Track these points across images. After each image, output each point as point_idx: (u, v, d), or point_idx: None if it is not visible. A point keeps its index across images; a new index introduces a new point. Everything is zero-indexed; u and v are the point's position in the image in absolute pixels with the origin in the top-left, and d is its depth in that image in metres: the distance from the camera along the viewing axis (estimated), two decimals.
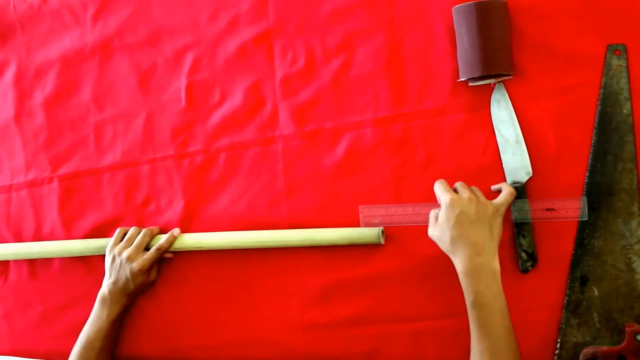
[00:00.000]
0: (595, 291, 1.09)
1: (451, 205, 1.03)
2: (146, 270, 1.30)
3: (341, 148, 1.24)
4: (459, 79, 1.14)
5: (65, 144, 1.46)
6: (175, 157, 1.36)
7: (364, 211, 1.21)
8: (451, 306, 1.15)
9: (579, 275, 1.09)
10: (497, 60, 1.10)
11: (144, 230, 1.33)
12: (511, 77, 1.12)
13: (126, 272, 1.30)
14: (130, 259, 1.30)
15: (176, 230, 1.33)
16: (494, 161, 1.14)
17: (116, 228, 1.37)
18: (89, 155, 1.44)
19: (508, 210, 1.09)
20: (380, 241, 1.18)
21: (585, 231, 1.09)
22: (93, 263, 1.41)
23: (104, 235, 1.41)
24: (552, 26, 1.11)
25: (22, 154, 1.50)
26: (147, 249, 1.32)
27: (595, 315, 1.09)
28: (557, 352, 1.10)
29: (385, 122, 1.21)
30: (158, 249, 1.30)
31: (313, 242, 1.23)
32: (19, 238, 1.49)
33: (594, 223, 1.09)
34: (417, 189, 1.18)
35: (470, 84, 1.15)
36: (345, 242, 1.20)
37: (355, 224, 1.21)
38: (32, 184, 1.48)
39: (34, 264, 1.48)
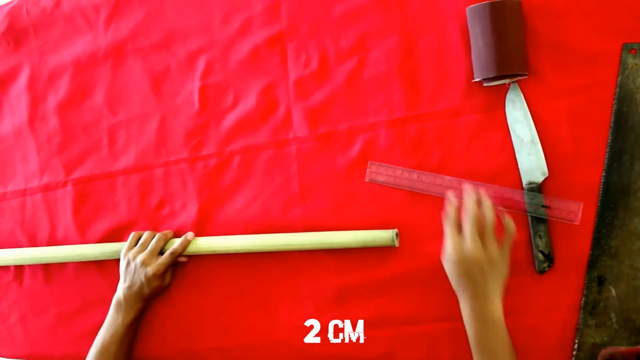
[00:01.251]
0: (613, 291, 1.08)
1: (451, 253, 1.04)
2: (161, 275, 1.30)
3: (355, 150, 1.23)
4: (473, 79, 1.14)
5: (79, 147, 1.46)
6: (189, 160, 1.36)
7: (372, 167, 1.21)
8: None
9: (596, 275, 1.09)
10: (511, 60, 1.10)
11: (158, 235, 1.33)
12: (526, 77, 1.12)
13: (141, 276, 1.30)
14: (144, 263, 1.29)
15: (190, 234, 1.33)
16: (509, 162, 1.13)
17: (130, 232, 1.38)
18: (102, 159, 1.44)
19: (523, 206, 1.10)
20: (394, 244, 1.17)
21: (602, 231, 1.08)
22: (108, 267, 1.41)
23: (118, 239, 1.41)
24: (566, 25, 1.10)
25: (36, 158, 1.50)
26: (161, 253, 1.32)
27: (612, 315, 1.08)
28: (574, 352, 1.10)
29: (400, 124, 1.21)
30: (172, 253, 1.30)
31: (327, 245, 1.22)
32: (33, 242, 1.50)
33: (610, 223, 1.08)
34: (431, 190, 1.18)
35: (484, 85, 1.15)
36: (359, 245, 1.20)
37: (371, 226, 1.21)
38: (46, 188, 1.49)
39: (48, 268, 1.48)
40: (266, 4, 1.32)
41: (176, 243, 1.31)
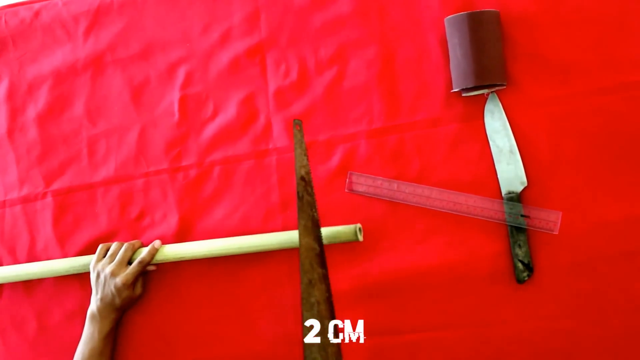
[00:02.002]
0: None
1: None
2: (130, 285, 1.29)
3: (335, 160, 1.23)
4: (452, 89, 1.14)
5: (59, 159, 1.45)
6: (169, 171, 1.36)
7: (351, 177, 1.22)
8: (448, 318, 1.15)
9: None
10: (490, 71, 1.11)
11: (125, 245, 1.33)
12: (504, 87, 1.13)
13: (111, 287, 1.29)
14: (113, 274, 1.29)
15: (157, 243, 1.32)
16: (488, 171, 1.14)
17: (111, 242, 1.37)
18: (82, 170, 1.43)
19: (502, 216, 1.10)
20: (358, 238, 1.18)
21: None
22: (87, 278, 1.40)
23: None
24: (544, 36, 1.11)
25: (15, 169, 1.49)
26: (130, 263, 1.32)
27: None
28: None
29: (379, 134, 1.21)
30: (140, 262, 1.30)
31: (292, 244, 1.22)
32: (13, 254, 1.48)
33: None
34: (411, 200, 1.18)
35: (463, 95, 1.15)
36: (325, 241, 1.20)
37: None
38: (26, 200, 1.48)
39: (28, 281, 1.47)
40: (246, 14, 1.32)
41: (144, 252, 1.31)
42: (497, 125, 1.13)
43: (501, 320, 1.12)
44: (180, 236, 1.34)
